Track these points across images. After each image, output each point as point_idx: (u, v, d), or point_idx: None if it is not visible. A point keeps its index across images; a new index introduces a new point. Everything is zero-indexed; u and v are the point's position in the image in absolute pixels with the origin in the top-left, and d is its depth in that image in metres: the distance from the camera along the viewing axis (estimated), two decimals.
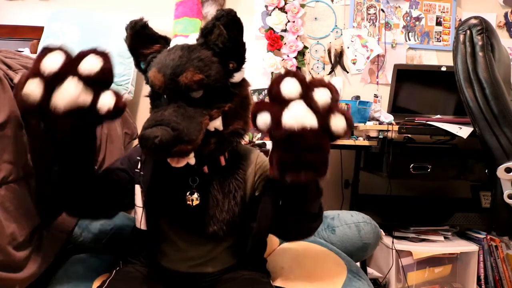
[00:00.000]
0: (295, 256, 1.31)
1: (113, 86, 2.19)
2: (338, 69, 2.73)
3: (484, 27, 1.39)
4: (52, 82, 0.73)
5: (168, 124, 0.82)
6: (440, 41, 2.79)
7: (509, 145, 1.32)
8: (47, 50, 0.76)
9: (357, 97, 2.50)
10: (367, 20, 2.75)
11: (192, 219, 0.99)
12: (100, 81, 0.78)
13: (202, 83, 0.89)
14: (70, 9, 2.38)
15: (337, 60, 2.72)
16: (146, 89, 0.99)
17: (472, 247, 2.19)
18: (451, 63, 1.64)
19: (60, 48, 0.77)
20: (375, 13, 2.76)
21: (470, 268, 2.20)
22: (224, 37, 0.90)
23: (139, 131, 2.23)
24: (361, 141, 2.20)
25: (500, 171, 1.30)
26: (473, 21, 1.41)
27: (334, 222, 1.46)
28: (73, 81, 0.74)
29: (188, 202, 0.98)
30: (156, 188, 1.01)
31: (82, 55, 0.77)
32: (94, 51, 0.78)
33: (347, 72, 2.73)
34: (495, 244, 2.26)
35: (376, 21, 2.76)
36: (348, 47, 2.73)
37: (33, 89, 0.72)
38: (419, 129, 1.99)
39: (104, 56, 0.79)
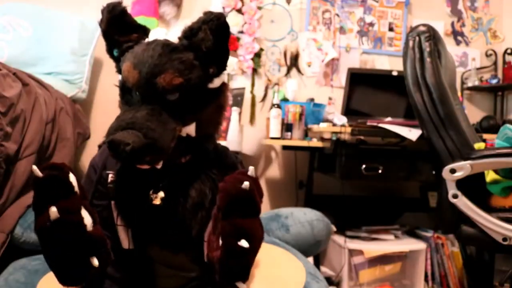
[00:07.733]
0: None
1: (66, 84, 2.10)
2: (294, 71, 2.76)
3: (432, 34, 1.44)
4: None
5: (141, 129, 0.76)
6: (392, 46, 2.88)
7: (454, 147, 1.36)
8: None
9: (312, 99, 2.55)
10: (322, 24, 2.81)
11: (156, 219, 0.92)
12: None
13: (180, 87, 0.83)
14: (21, 4, 2.29)
15: (293, 62, 2.75)
16: (101, 88, 0.93)
17: (420, 245, 2.28)
18: (402, 68, 1.70)
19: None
20: (330, 17, 2.81)
21: (418, 265, 2.28)
22: (209, 42, 0.84)
23: (91, 132, 2.18)
24: (315, 142, 2.25)
25: (445, 172, 1.34)
26: (422, 28, 1.46)
27: (288, 221, 1.48)
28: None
29: (153, 202, 0.91)
30: (124, 191, 0.94)
31: None
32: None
33: (302, 75, 2.77)
34: (442, 242, 2.36)
35: (331, 25, 2.81)
36: (303, 50, 2.77)
37: None
38: (371, 131, 2.05)
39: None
